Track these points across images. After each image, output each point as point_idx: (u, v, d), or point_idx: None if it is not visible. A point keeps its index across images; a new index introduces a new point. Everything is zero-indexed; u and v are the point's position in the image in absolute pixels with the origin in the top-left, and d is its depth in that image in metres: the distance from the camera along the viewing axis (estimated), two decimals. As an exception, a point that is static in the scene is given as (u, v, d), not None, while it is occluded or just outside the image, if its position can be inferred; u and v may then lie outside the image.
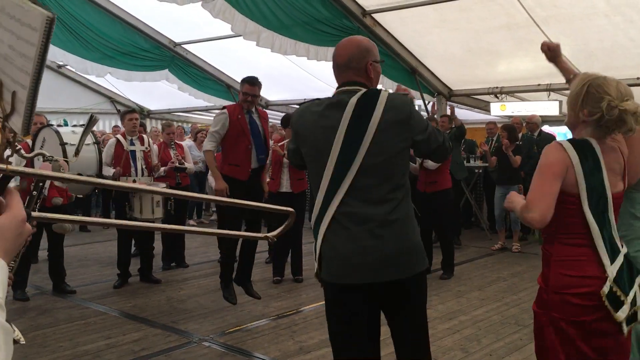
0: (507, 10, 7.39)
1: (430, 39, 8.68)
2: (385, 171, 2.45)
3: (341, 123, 2.45)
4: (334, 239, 2.47)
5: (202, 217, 11.60)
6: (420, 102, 10.31)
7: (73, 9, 9.07)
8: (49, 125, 3.91)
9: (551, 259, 2.33)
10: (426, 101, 10.17)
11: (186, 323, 5.30)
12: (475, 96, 10.36)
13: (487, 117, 10.75)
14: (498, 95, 9.68)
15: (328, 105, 2.55)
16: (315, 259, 2.56)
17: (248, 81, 5.36)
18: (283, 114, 8.46)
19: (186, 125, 15.26)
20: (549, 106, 9.36)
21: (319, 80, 10.64)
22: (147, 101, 14.64)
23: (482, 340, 4.75)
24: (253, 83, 5.33)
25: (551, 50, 3.07)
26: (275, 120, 12.97)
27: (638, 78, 7.89)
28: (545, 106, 9.42)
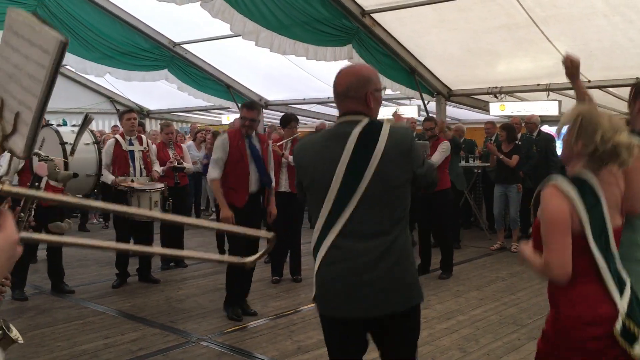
0: (507, 10, 7.39)
1: (430, 39, 8.69)
2: (386, 204, 2.44)
3: (343, 154, 2.42)
4: (329, 271, 2.47)
5: (202, 218, 11.61)
6: (419, 102, 10.33)
7: (72, 8, 9.07)
8: (49, 124, 3.92)
9: (560, 301, 2.29)
10: (425, 101, 10.18)
11: (184, 323, 5.30)
12: (475, 96, 10.37)
13: (487, 117, 10.75)
14: (497, 95, 9.69)
15: (330, 137, 2.54)
16: (314, 288, 2.57)
17: (246, 105, 5.42)
18: (282, 114, 8.45)
19: (185, 125, 15.28)
20: (548, 106, 9.37)
21: (318, 80, 10.64)
22: (147, 101, 14.65)
23: (480, 340, 4.75)
24: (251, 107, 5.38)
25: (573, 66, 2.98)
26: (274, 120, 13.00)
27: (637, 78, 7.88)
28: (544, 106, 9.43)
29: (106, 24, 9.54)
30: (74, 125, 4.73)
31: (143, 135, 6.84)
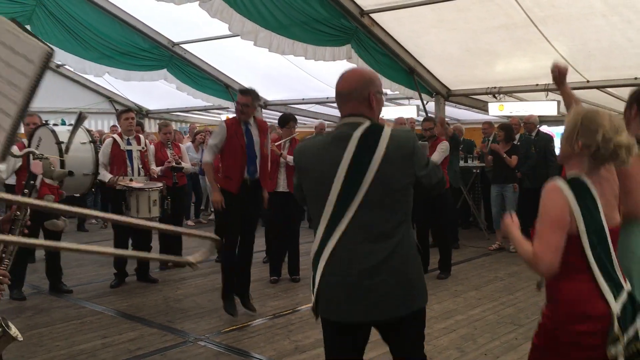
0: (505, 10, 7.38)
1: (428, 39, 8.68)
2: (388, 207, 2.42)
3: (344, 157, 2.41)
4: (333, 275, 2.44)
5: (200, 217, 11.60)
6: (418, 102, 10.32)
7: (71, 8, 9.06)
8: (45, 124, 3.91)
9: (556, 296, 2.32)
10: (424, 101, 10.17)
11: (182, 322, 5.30)
12: (474, 96, 10.35)
13: (485, 117, 10.75)
14: (496, 95, 9.68)
15: (330, 139, 2.53)
16: (313, 292, 2.53)
17: (240, 91, 5.44)
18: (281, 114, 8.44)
19: (184, 125, 15.27)
20: (547, 106, 9.35)
21: (317, 80, 10.64)
22: (146, 101, 14.63)
23: (478, 340, 4.75)
24: (244, 92, 5.37)
25: (561, 74, 3.11)
26: (273, 120, 12.98)
27: (636, 78, 7.90)
28: (543, 106, 9.42)
29: (105, 23, 9.53)
30: (70, 125, 4.72)
31: (141, 135, 6.84)
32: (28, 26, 8.81)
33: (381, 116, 2.69)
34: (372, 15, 8.26)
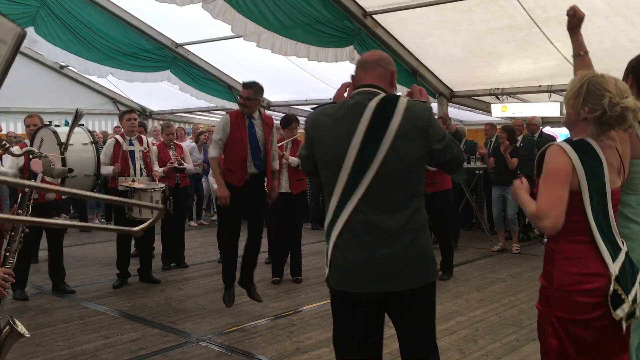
0: (508, 11, 7.38)
1: (431, 41, 8.68)
2: (401, 179, 2.42)
3: (358, 127, 2.40)
4: (345, 246, 2.43)
5: (202, 219, 11.62)
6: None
7: (75, 9, 9.10)
8: (47, 125, 3.93)
9: (555, 256, 2.34)
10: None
11: (184, 323, 5.31)
12: (476, 97, 10.35)
13: (488, 119, 10.74)
14: (499, 96, 9.68)
15: (345, 108, 2.50)
16: (326, 264, 2.52)
17: (243, 84, 5.39)
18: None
19: (188, 127, 15.31)
20: (550, 107, 9.34)
21: (320, 81, 10.65)
22: (149, 102, 14.68)
23: (479, 341, 4.75)
24: (246, 86, 5.33)
25: (577, 18, 2.99)
26: (276, 121, 12.96)
27: None
28: (546, 107, 9.40)
29: (109, 25, 9.57)
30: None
31: (143, 136, 6.86)
32: (32, 27, 8.85)
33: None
34: (375, 16, 8.28)
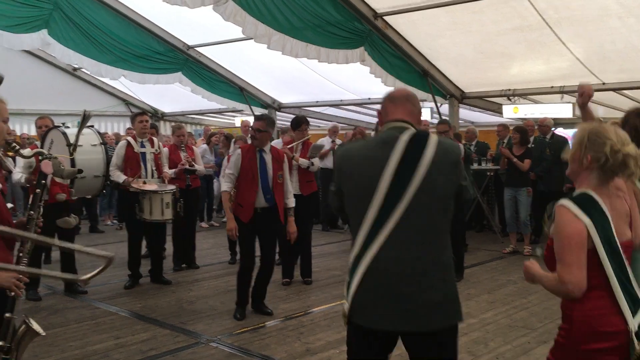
0: (520, 12, 7.34)
1: (442, 42, 8.66)
2: (433, 213, 2.38)
3: (391, 159, 2.36)
4: (372, 281, 2.36)
5: (213, 220, 11.65)
6: (432, 105, 10.29)
7: (88, 12, 9.19)
8: (57, 127, 3.96)
9: (573, 315, 2.29)
10: (438, 104, 10.15)
11: (195, 324, 5.33)
12: (488, 98, 10.32)
13: (500, 120, 10.69)
14: (511, 97, 9.64)
15: (377, 142, 2.51)
16: (347, 298, 2.44)
17: (255, 116, 5.43)
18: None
19: (199, 128, 15.39)
20: (562, 108, 9.30)
21: (331, 82, 10.67)
22: (161, 103, 14.78)
23: (490, 344, 4.72)
24: (257, 118, 5.40)
25: (586, 95, 3.22)
26: (288, 123, 13.03)
27: (652, 80, 7.83)
28: (558, 108, 9.36)
29: (121, 27, 9.65)
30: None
31: (154, 138, 6.89)
32: (45, 30, 8.94)
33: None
34: (386, 17, 8.27)
